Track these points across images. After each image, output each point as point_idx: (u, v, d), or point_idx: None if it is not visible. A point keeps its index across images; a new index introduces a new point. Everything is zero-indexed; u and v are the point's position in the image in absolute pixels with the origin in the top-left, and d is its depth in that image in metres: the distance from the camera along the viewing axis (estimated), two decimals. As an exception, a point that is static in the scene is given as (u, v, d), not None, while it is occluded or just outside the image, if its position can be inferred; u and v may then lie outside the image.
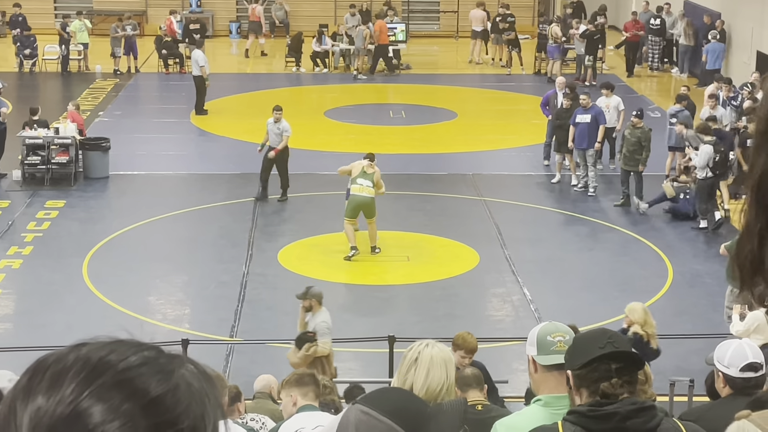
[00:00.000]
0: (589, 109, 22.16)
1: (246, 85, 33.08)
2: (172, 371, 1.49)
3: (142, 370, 1.46)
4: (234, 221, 20.61)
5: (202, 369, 1.54)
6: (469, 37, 37.14)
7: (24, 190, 22.21)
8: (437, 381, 4.72)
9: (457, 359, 10.23)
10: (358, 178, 18.35)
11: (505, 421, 4.81)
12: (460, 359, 10.19)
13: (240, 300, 16.90)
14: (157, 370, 1.47)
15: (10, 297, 17.35)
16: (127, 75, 33.85)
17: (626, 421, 3.83)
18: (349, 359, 15.18)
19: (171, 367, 1.50)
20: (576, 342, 4.17)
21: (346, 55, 35.58)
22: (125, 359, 1.47)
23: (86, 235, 19.64)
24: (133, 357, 1.48)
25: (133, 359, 1.47)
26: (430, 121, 28.66)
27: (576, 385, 4.02)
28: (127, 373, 1.46)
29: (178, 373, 1.49)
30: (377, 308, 17.05)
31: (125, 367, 1.46)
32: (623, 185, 21.41)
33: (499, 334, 15.10)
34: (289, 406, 7.73)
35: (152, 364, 1.48)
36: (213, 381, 1.55)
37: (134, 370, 1.46)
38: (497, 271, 18.27)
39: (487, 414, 7.78)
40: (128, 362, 1.47)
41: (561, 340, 4.56)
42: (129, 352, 1.48)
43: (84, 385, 1.44)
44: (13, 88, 30.92)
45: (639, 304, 12.44)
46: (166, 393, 1.46)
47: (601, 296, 17.14)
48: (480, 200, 21.77)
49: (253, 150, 25.48)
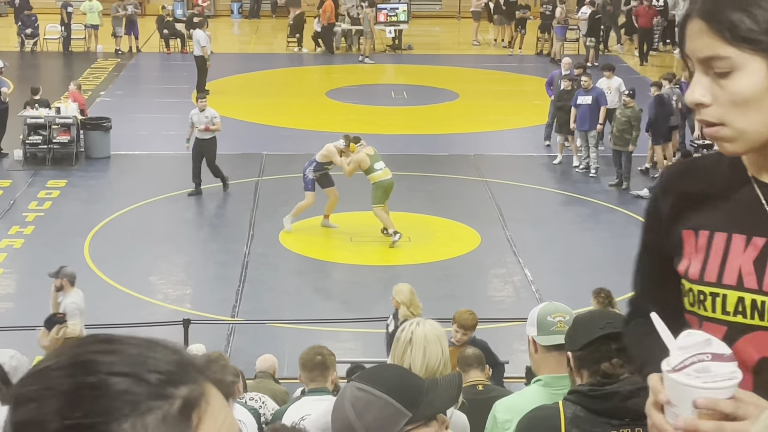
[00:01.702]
0: (590, 90, 22.14)
1: (247, 65, 33.03)
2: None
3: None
4: (235, 201, 20.61)
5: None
6: (471, 18, 37.09)
7: (25, 170, 22.21)
8: (435, 358, 4.74)
9: (456, 336, 10.26)
10: (374, 164, 18.17)
11: (506, 401, 4.83)
12: (455, 333, 10.25)
13: (241, 280, 16.91)
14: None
15: (11, 276, 17.37)
16: (129, 55, 33.81)
17: (627, 400, 3.84)
18: (349, 339, 15.21)
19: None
20: (576, 323, 4.17)
21: (347, 36, 35.52)
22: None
23: (88, 215, 19.65)
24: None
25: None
26: (431, 102, 28.64)
27: (576, 366, 4.02)
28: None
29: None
30: (378, 289, 17.06)
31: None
32: (616, 165, 21.47)
33: (500, 315, 15.11)
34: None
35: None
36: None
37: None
38: (498, 251, 18.27)
39: (487, 394, 7.80)
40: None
41: (561, 321, 4.57)
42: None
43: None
44: (15, 68, 30.89)
45: (405, 285, 12.17)
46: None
47: (602, 277, 17.09)
48: (481, 181, 21.76)
49: (255, 130, 25.52)
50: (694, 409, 1.98)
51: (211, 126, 20.47)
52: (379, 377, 3.06)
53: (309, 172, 18.47)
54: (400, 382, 3.05)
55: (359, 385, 3.00)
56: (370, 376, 3.08)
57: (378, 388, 2.97)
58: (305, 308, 15.93)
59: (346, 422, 2.98)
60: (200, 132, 20.48)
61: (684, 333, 2.06)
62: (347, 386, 3.05)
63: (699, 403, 1.97)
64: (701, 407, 1.97)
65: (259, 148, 23.80)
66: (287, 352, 12.82)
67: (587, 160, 22.30)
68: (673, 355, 2.03)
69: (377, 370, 3.32)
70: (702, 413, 1.98)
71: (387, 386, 2.98)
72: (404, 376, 3.13)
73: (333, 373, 7.72)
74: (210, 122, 20.46)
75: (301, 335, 14.60)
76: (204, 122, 20.45)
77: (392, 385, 2.99)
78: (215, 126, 20.52)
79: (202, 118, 20.49)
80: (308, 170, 18.50)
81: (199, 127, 20.45)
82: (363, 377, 3.06)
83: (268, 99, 28.75)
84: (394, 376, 3.09)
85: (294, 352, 9.04)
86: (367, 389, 2.98)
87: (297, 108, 27.65)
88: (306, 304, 16.23)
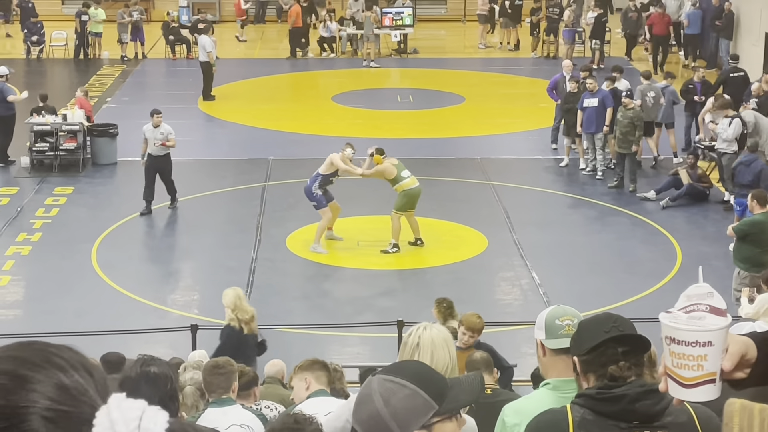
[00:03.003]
0: (595, 93, 22.14)
1: (253, 70, 33.06)
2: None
3: None
4: (242, 207, 20.62)
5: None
6: (476, 21, 37.10)
7: (32, 177, 22.25)
8: (442, 362, 4.74)
9: (464, 338, 10.24)
10: (401, 173, 18.04)
11: (514, 405, 4.82)
12: (461, 336, 10.24)
13: (248, 285, 16.92)
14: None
15: (19, 283, 17.39)
16: (134, 61, 33.86)
17: (635, 403, 3.84)
18: (357, 344, 15.20)
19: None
20: (580, 328, 4.17)
21: (353, 40, 35.54)
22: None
23: (95, 222, 19.67)
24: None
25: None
26: (437, 106, 28.64)
27: (583, 370, 4.02)
28: None
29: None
30: (385, 293, 17.07)
31: None
32: (618, 167, 21.49)
33: (507, 318, 15.10)
34: (302, 390, 7.73)
35: None
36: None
37: None
38: (506, 255, 18.27)
39: (495, 398, 7.80)
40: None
41: (569, 324, 4.56)
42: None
43: None
44: (21, 75, 30.95)
45: (231, 290, 12.21)
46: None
47: (609, 280, 17.14)
48: (488, 184, 21.76)
49: (261, 135, 25.54)
50: (665, 346, 2.40)
51: (167, 142, 19.98)
52: (406, 370, 3.06)
53: (315, 188, 18.02)
54: (427, 375, 3.05)
55: (386, 377, 2.99)
56: (396, 369, 3.08)
57: (406, 379, 2.96)
58: (313, 313, 15.93)
59: (373, 412, 2.97)
60: (156, 148, 19.89)
61: (694, 285, 2.43)
62: (373, 379, 3.03)
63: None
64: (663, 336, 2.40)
65: (265, 153, 23.81)
66: (295, 357, 12.80)
67: (594, 162, 22.29)
68: (679, 301, 2.42)
69: (401, 364, 3.32)
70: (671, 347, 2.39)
71: (415, 378, 2.98)
72: (429, 371, 3.15)
73: (329, 375, 7.92)
74: (165, 138, 19.89)
75: (308, 340, 14.61)
76: (159, 138, 19.88)
77: (419, 378, 3.00)
78: (171, 142, 20.02)
79: (157, 134, 19.91)
80: (314, 187, 18.04)
81: (156, 144, 19.87)
82: (389, 371, 3.05)
83: (273, 104, 28.77)
84: (419, 370, 3.10)
85: (302, 357, 9.03)
86: (396, 380, 2.97)
87: (303, 113, 27.67)
88: (313, 308, 16.24)
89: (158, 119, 20.04)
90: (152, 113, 20.27)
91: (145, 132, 20.06)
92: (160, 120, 20.05)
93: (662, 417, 3.89)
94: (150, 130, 20.01)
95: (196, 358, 10.75)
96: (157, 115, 20.13)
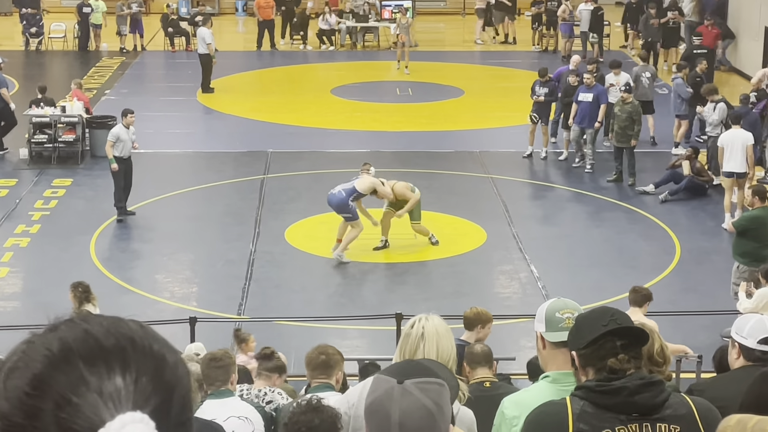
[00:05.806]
0: (591, 88, 22.14)
1: (252, 62, 33.05)
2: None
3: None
4: (241, 199, 20.62)
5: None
6: (475, 14, 37.04)
7: (31, 169, 22.24)
8: (447, 351, 4.78)
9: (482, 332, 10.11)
10: (415, 188, 17.99)
11: (513, 397, 4.83)
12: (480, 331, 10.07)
13: (247, 278, 16.92)
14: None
15: (17, 275, 17.39)
16: (133, 53, 33.82)
17: (634, 395, 3.84)
18: (356, 337, 15.21)
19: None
20: (578, 323, 4.17)
21: (352, 33, 35.50)
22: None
23: (93, 214, 19.66)
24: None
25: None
26: (436, 99, 28.62)
27: (582, 364, 4.02)
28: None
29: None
30: (384, 286, 17.07)
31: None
32: (616, 161, 21.48)
33: (506, 312, 15.10)
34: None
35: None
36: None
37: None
38: (504, 248, 18.27)
39: (495, 391, 7.81)
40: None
41: (569, 317, 4.56)
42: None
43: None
44: (20, 66, 30.94)
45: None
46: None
47: (608, 273, 17.13)
48: (487, 177, 21.75)
49: (260, 127, 25.52)
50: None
51: (136, 143, 19.41)
52: (431, 392, 2.85)
53: (351, 201, 17.31)
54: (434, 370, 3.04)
55: (406, 387, 2.79)
56: (423, 386, 2.84)
57: (430, 398, 2.78)
58: (312, 306, 15.94)
59: (384, 425, 2.80)
60: (129, 151, 19.00)
61: None
62: (395, 388, 2.79)
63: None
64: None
65: (264, 146, 23.80)
66: (294, 350, 12.82)
67: (582, 153, 22.32)
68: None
69: (405, 369, 3.25)
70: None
71: (435, 400, 2.80)
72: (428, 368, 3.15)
73: (338, 372, 7.74)
74: (135, 140, 19.31)
75: (307, 333, 14.61)
76: (132, 139, 19.07)
77: (442, 400, 2.84)
78: (136, 144, 19.51)
79: (131, 134, 19.00)
80: (350, 200, 17.30)
81: (133, 145, 19.15)
82: (418, 383, 2.84)
83: (272, 96, 28.76)
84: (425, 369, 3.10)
85: (301, 349, 9.04)
86: (410, 390, 2.77)
87: (302, 105, 27.65)
88: (312, 301, 16.24)
89: (132, 119, 19.05)
90: (125, 113, 19.11)
91: (120, 134, 18.85)
92: (133, 119, 19.10)
93: (662, 409, 3.89)
94: (124, 132, 18.89)
95: (193, 350, 10.76)
96: (130, 114, 19.10)
